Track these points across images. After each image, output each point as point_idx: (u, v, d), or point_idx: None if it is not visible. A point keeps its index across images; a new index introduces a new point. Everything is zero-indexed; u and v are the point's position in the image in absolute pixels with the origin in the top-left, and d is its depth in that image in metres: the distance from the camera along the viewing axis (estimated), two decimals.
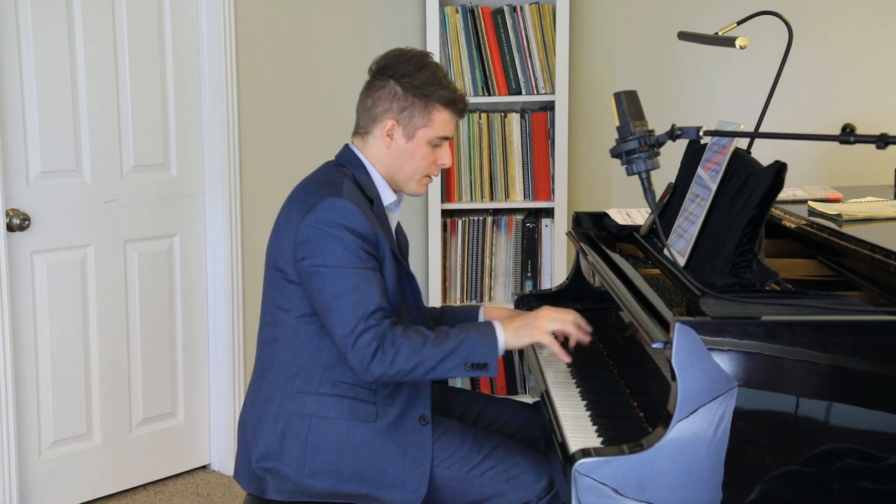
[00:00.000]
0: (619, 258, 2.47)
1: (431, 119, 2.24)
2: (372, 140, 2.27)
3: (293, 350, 2.22)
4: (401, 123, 2.24)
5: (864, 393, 1.76)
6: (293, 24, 3.72)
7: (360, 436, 2.19)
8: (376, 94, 2.26)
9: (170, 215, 3.54)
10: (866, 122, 2.94)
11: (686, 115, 3.95)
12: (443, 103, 2.24)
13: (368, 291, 2.11)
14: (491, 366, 2.14)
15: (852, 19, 3.76)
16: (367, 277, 2.13)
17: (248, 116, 3.61)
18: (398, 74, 2.23)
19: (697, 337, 1.75)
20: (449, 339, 2.12)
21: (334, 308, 2.12)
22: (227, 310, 3.63)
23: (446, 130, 2.27)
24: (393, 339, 2.09)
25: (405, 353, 2.09)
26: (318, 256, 2.14)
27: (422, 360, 2.10)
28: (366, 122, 2.28)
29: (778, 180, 2.01)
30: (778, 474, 1.75)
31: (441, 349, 2.11)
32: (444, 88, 2.24)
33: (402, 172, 2.28)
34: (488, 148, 3.96)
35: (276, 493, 2.22)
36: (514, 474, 2.18)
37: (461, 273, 4.01)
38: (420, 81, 2.22)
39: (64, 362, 3.32)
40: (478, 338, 2.14)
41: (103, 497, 3.48)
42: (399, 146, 2.25)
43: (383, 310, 2.12)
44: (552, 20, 3.90)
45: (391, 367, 2.09)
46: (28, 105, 3.15)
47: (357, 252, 2.13)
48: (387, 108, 2.24)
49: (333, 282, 2.12)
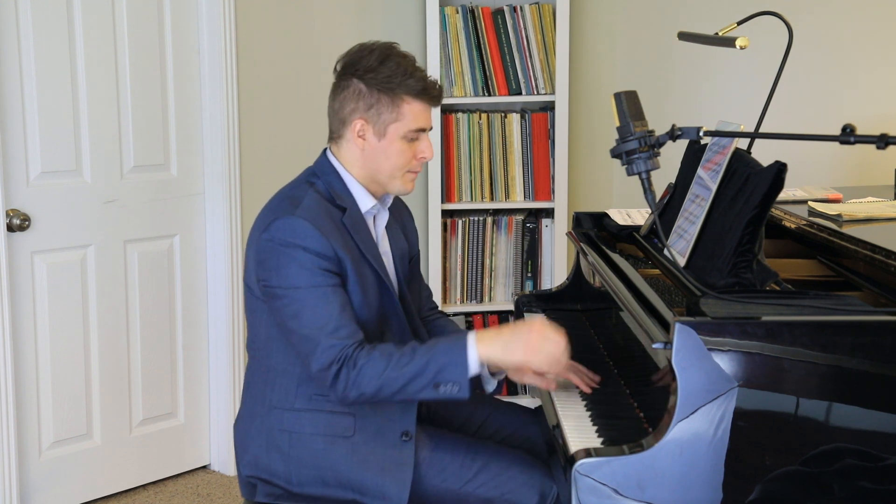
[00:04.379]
0: (619, 258, 2.47)
1: (401, 112, 2.13)
2: (345, 144, 2.19)
3: (266, 365, 2.20)
4: (370, 122, 2.14)
5: (864, 393, 1.76)
6: (293, 24, 3.72)
7: (338, 451, 2.14)
8: (342, 95, 2.16)
9: (170, 215, 3.54)
10: (866, 122, 2.94)
11: (686, 115, 3.95)
12: (411, 94, 2.12)
13: (326, 310, 2.04)
14: (462, 386, 2.00)
15: (852, 19, 3.76)
16: (325, 296, 2.05)
17: (248, 116, 3.61)
18: (361, 71, 2.13)
19: (697, 337, 1.75)
20: (414, 361, 2.01)
21: (294, 328, 2.07)
22: (227, 310, 3.63)
23: (420, 122, 2.15)
24: (355, 361, 2.01)
25: (367, 376, 2.01)
26: (274, 277, 2.08)
27: (385, 383, 2.01)
28: (336, 126, 2.20)
29: (778, 180, 2.01)
30: (778, 474, 1.75)
31: (406, 371, 2.01)
32: (410, 78, 2.12)
33: (381, 172, 2.18)
34: (488, 148, 3.96)
35: (265, 496, 2.21)
36: (508, 489, 2.11)
37: (461, 273, 4.01)
38: (384, 75, 2.11)
39: (64, 362, 3.31)
40: (446, 357, 2.01)
41: (103, 497, 3.48)
42: (372, 146, 2.15)
43: (344, 328, 2.04)
44: (552, 20, 3.90)
45: (353, 390, 2.02)
46: (28, 105, 3.15)
47: (313, 271, 2.05)
48: (353, 108, 2.14)
49: (291, 302, 2.06)
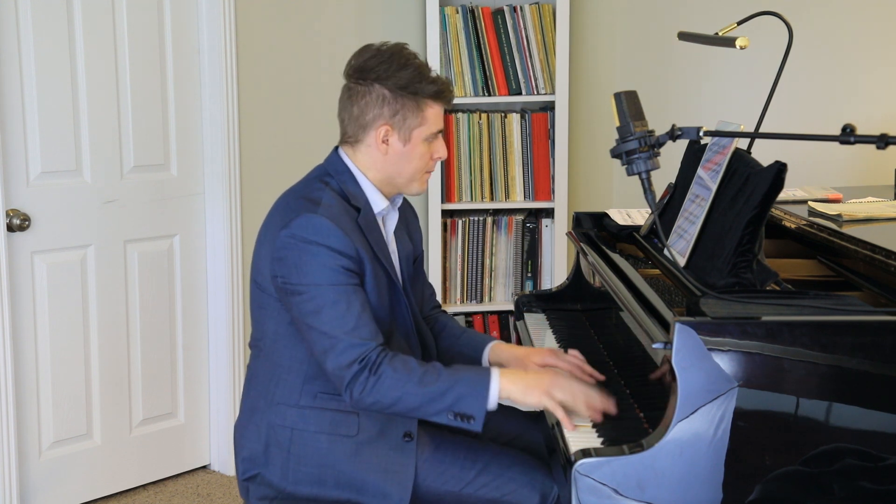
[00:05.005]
0: (619, 258, 2.47)
1: (425, 117, 2.14)
2: (364, 148, 2.18)
3: (273, 361, 2.18)
4: (395, 127, 2.13)
5: (864, 393, 1.76)
6: (293, 24, 3.72)
7: (341, 449, 2.13)
8: (362, 101, 2.14)
9: (170, 215, 3.54)
10: (866, 122, 2.94)
11: (686, 115, 3.95)
12: (432, 98, 2.14)
13: (349, 308, 2.03)
14: (476, 419, 2.00)
15: (852, 19, 3.76)
16: (347, 294, 2.04)
17: (248, 116, 3.61)
18: (382, 76, 2.12)
19: (697, 337, 1.75)
20: (438, 382, 2.00)
21: (313, 324, 2.04)
22: (227, 310, 3.63)
23: (439, 124, 2.18)
24: (377, 367, 2.00)
25: (387, 384, 1.99)
26: (294, 275, 2.06)
27: (403, 396, 1.99)
28: (355, 131, 2.17)
29: (778, 180, 2.01)
30: (778, 474, 1.75)
31: (427, 391, 2.00)
32: (430, 83, 2.13)
33: (402, 175, 2.18)
34: (488, 148, 3.96)
35: (257, 499, 2.20)
36: (508, 490, 2.12)
37: (461, 273, 4.01)
38: (406, 80, 2.11)
39: (64, 362, 3.31)
40: (469, 387, 2.01)
41: (103, 497, 3.48)
42: (396, 151, 2.15)
43: (365, 328, 2.03)
44: (552, 20, 3.90)
45: (369, 396, 2.00)
46: (28, 105, 3.14)
47: (335, 269, 2.04)
48: (377, 113, 2.13)
49: (311, 298, 2.04)
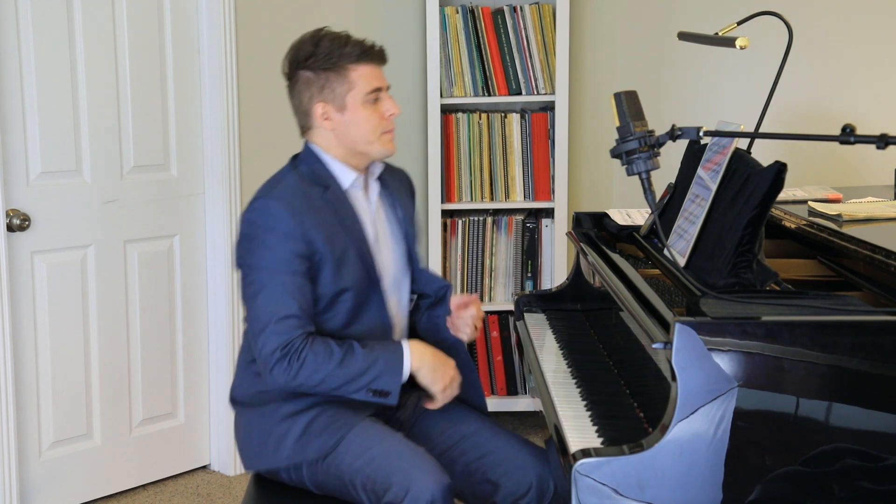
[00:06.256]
0: (619, 258, 2.47)
1: (351, 80, 2.22)
2: (316, 131, 2.28)
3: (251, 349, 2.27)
4: (328, 101, 2.23)
5: (864, 393, 1.76)
6: (293, 24, 3.71)
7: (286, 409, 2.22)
8: (295, 91, 2.27)
9: (170, 215, 3.54)
10: (866, 122, 2.94)
11: (686, 115, 3.95)
12: (353, 60, 2.22)
13: (283, 296, 2.13)
14: (393, 394, 2.16)
15: (852, 19, 3.76)
16: (283, 283, 2.13)
17: (248, 116, 3.61)
18: (302, 63, 2.24)
19: (697, 337, 1.75)
20: (355, 362, 2.14)
21: (249, 307, 2.17)
22: (227, 310, 3.62)
23: (373, 82, 2.24)
24: (299, 352, 2.11)
25: (309, 368, 2.11)
26: (245, 256, 2.19)
27: (325, 378, 2.12)
28: (303, 120, 2.30)
29: (778, 180, 2.01)
30: (778, 474, 1.75)
31: (346, 371, 2.13)
32: (347, 46, 2.22)
33: (358, 142, 2.25)
34: (488, 148, 3.96)
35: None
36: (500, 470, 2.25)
37: (461, 273, 4.00)
38: (322, 54, 2.21)
39: (64, 362, 3.31)
40: (384, 365, 2.16)
41: (103, 497, 3.48)
42: (339, 122, 2.24)
43: (296, 317, 2.13)
44: (552, 20, 3.90)
45: (294, 380, 2.12)
46: (28, 105, 3.15)
47: (277, 253, 2.14)
48: (309, 95, 2.24)
49: (252, 282, 2.16)
